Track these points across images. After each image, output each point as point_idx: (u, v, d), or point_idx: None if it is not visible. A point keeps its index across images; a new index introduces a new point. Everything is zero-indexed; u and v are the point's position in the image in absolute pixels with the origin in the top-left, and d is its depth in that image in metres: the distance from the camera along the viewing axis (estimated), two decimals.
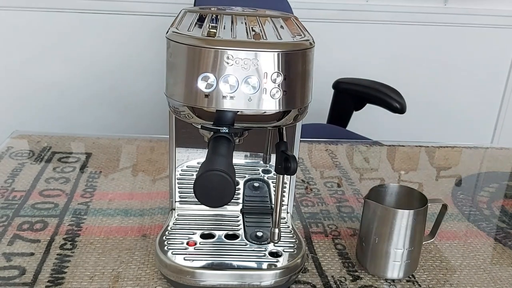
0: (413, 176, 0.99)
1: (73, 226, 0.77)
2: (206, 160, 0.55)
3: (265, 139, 0.73)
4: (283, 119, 0.57)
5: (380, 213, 0.66)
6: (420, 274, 0.70)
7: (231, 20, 0.64)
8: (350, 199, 0.90)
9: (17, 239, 0.73)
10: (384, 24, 1.96)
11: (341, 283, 0.68)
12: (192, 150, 0.73)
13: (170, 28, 0.58)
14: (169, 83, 0.58)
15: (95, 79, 1.93)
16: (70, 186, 0.88)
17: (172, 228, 0.70)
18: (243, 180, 0.75)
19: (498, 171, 1.04)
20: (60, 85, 1.93)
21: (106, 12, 1.84)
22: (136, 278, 0.66)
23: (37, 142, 1.03)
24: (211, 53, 0.54)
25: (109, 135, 1.09)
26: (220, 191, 0.53)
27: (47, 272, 0.66)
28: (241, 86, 0.54)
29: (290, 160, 0.57)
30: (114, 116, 1.99)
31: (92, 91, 1.95)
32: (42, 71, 1.90)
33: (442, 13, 1.95)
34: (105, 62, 1.91)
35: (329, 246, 0.76)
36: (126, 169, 0.96)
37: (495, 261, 0.75)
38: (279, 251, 0.67)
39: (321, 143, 1.11)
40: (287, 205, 0.76)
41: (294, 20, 0.68)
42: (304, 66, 0.56)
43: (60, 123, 1.97)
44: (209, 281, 0.63)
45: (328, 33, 1.90)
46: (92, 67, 1.92)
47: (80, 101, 1.96)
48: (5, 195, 0.84)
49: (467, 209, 0.89)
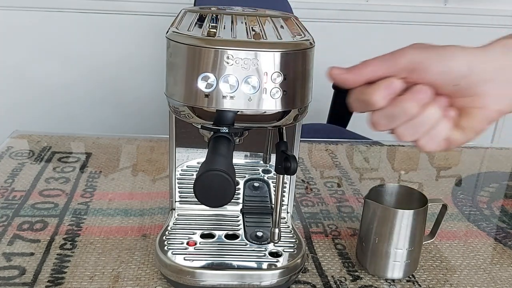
0: (413, 176, 0.99)
1: (73, 226, 0.77)
2: (206, 160, 0.55)
3: (265, 139, 0.73)
4: (283, 119, 0.57)
5: (380, 213, 0.66)
6: (420, 274, 0.70)
7: (231, 20, 0.64)
8: (350, 199, 0.90)
9: (17, 239, 0.73)
10: (384, 24, 1.96)
11: (341, 283, 0.68)
12: (192, 150, 0.73)
13: (170, 28, 0.58)
14: (169, 83, 0.58)
15: (95, 79, 1.93)
16: (70, 186, 0.88)
17: (172, 228, 0.70)
18: (243, 180, 0.75)
19: (498, 171, 1.04)
20: (60, 85, 1.93)
21: (106, 12, 1.84)
22: (136, 278, 0.66)
23: (37, 142, 1.03)
24: (211, 53, 0.54)
25: (109, 135, 1.09)
26: (220, 191, 0.53)
27: (47, 272, 0.66)
28: (241, 86, 0.54)
29: (290, 160, 0.57)
30: (114, 116, 1.99)
31: (92, 91, 1.95)
32: (42, 71, 1.90)
33: (442, 13, 1.96)
34: (105, 62, 1.91)
35: (329, 246, 0.76)
36: (126, 169, 0.96)
37: (495, 261, 0.75)
38: (279, 251, 0.67)
39: (321, 143, 1.11)
40: (287, 205, 0.75)
41: (294, 20, 0.68)
42: (304, 66, 0.56)
43: (60, 123, 1.97)
44: (209, 281, 0.63)
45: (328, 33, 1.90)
46: (92, 67, 1.92)
47: (80, 101, 1.96)
48: (5, 195, 0.84)
49: (467, 209, 0.89)
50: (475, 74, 0.46)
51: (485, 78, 0.47)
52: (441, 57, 0.47)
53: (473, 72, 0.46)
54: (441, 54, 0.47)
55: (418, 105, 0.47)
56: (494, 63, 0.47)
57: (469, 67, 0.46)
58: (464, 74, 0.46)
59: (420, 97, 0.47)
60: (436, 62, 0.46)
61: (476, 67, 0.46)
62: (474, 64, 0.46)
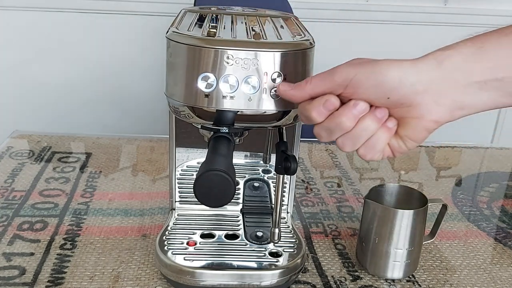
0: (413, 176, 0.99)
1: (73, 226, 0.77)
2: (206, 160, 0.55)
3: (265, 139, 0.73)
4: (283, 119, 0.57)
5: (380, 213, 0.66)
6: (420, 274, 0.70)
7: (231, 20, 0.64)
8: (350, 199, 0.90)
9: (17, 239, 0.73)
10: (384, 24, 1.96)
11: (341, 283, 0.68)
12: (192, 150, 0.73)
13: (170, 28, 0.58)
14: (169, 83, 0.58)
15: (95, 79, 1.93)
16: (70, 186, 0.88)
17: (172, 228, 0.70)
18: (243, 180, 0.75)
19: (498, 171, 1.04)
20: (60, 85, 1.93)
21: (106, 12, 1.84)
22: (136, 278, 0.66)
23: (37, 142, 1.03)
24: (211, 53, 0.54)
25: (109, 135, 1.09)
26: (220, 191, 0.53)
27: (47, 272, 0.66)
28: (241, 86, 0.54)
29: (290, 160, 0.57)
30: (114, 116, 1.98)
31: (92, 91, 1.95)
32: (42, 71, 1.90)
33: (442, 13, 1.95)
34: (105, 62, 1.91)
35: (329, 246, 0.76)
36: (126, 169, 0.96)
37: (495, 261, 0.75)
38: (279, 251, 0.67)
39: (321, 143, 1.11)
40: (287, 205, 0.75)
41: (294, 20, 0.68)
42: (304, 66, 0.56)
43: (60, 123, 1.96)
44: (209, 281, 0.63)
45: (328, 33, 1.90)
46: (92, 67, 1.92)
47: (80, 101, 1.95)
48: (5, 195, 0.84)
49: (467, 209, 0.89)
50: (406, 86, 0.49)
51: (418, 90, 0.49)
52: (372, 72, 0.49)
53: (404, 84, 0.49)
54: (372, 69, 0.49)
55: (352, 119, 0.50)
56: (426, 75, 0.49)
57: (401, 80, 0.48)
58: (396, 87, 0.49)
59: (353, 111, 0.50)
60: (368, 77, 0.49)
61: (407, 80, 0.49)
62: (406, 77, 0.49)
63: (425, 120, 0.50)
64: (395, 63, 0.49)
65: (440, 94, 0.49)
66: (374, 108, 0.51)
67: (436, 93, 0.49)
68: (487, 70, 0.49)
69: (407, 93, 0.49)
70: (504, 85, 0.49)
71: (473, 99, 0.50)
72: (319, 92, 0.51)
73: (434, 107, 0.50)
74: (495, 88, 0.49)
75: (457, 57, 0.49)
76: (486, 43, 0.49)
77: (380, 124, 0.51)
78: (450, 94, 0.49)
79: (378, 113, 0.50)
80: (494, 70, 0.49)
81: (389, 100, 0.49)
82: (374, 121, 0.50)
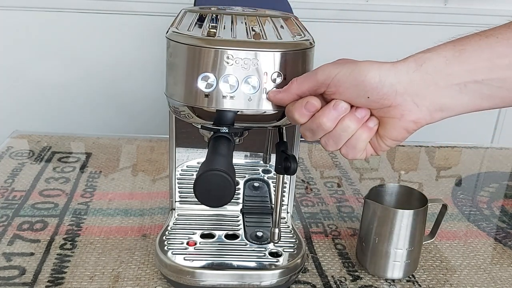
0: (413, 176, 0.99)
1: (73, 226, 0.77)
2: (206, 160, 0.55)
3: (265, 139, 0.73)
4: (283, 119, 0.57)
5: (380, 213, 0.66)
6: (420, 274, 0.70)
7: (231, 20, 0.64)
8: (350, 199, 0.90)
9: (17, 239, 0.73)
10: (384, 24, 1.96)
11: (341, 283, 0.68)
12: (192, 150, 0.73)
13: (170, 28, 0.58)
14: (169, 83, 0.58)
15: (95, 79, 1.93)
16: (70, 186, 0.88)
17: (172, 228, 0.70)
18: (243, 180, 0.75)
19: (498, 171, 1.04)
20: (60, 85, 1.93)
21: (106, 12, 1.84)
22: (136, 278, 0.66)
23: (37, 142, 1.03)
24: (211, 53, 0.54)
25: (109, 135, 1.09)
26: (220, 191, 0.53)
27: (47, 272, 0.66)
28: (241, 86, 0.54)
29: (290, 160, 0.57)
30: (114, 116, 1.98)
31: (92, 91, 1.94)
32: (42, 71, 1.90)
33: (442, 13, 1.95)
34: (105, 62, 1.91)
35: (329, 246, 0.76)
36: (126, 169, 0.96)
37: (495, 261, 0.75)
38: (279, 251, 0.67)
39: None
40: (287, 205, 0.75)
41: (294, 20, 0.68)
42: (304, 66, 0.56)
43: (60, 123, 1.96)
44: (209, 281, 0.63)
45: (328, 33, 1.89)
46: (92, 67, 1.91)
47: (80, 101, 1.95)
48: (5, 195, 0.84)
49: (467, 209, 0.89)
50: (386, 87, 0.49)
51: (397, 90, 0.49)
52: (353, 71, 0.50)
53: (384, 85, 0.49)
54: (353, 69, 0.50)
55: (333, 120, 0.51)
56: (405, 76, 0.49)
57: (380, 80, 0.49)
58: (375, 87, 0.49)
59: (333, 112, 0.51)
60: (348, 76, 0.50)
61: (387, 81, 0.49)
62: (385, 78, 0.49)
63: (404, 120, 0.51)
64: (376, 64, 0.50)
65: (420, 95, 0.50)
66: (355, 108, 0.51)
67: (415, 94, 0.50)
68: (466, 73, 0.49)
69: (387, 93, 0.49)
70: (484, 87, 0.50)
71: (453, 101, 0.50)
72: (304, 91, 0.52)
73: (413, 108, 0.50)
74: (475, 91, 0.50)
75: (437, 59, 0.50)
76: (467, 45, 0.50)
77: (361, 124, 0.52)
78: (430, 96, 0.50)
79: (358, 113, 0.51)
80: (473, 73, 0.49)
81: (369, 100, 0.50)
82: (354, 121, 0.51)
